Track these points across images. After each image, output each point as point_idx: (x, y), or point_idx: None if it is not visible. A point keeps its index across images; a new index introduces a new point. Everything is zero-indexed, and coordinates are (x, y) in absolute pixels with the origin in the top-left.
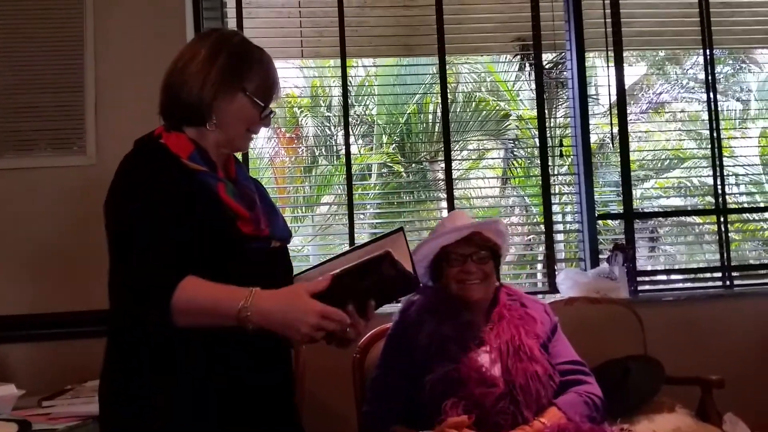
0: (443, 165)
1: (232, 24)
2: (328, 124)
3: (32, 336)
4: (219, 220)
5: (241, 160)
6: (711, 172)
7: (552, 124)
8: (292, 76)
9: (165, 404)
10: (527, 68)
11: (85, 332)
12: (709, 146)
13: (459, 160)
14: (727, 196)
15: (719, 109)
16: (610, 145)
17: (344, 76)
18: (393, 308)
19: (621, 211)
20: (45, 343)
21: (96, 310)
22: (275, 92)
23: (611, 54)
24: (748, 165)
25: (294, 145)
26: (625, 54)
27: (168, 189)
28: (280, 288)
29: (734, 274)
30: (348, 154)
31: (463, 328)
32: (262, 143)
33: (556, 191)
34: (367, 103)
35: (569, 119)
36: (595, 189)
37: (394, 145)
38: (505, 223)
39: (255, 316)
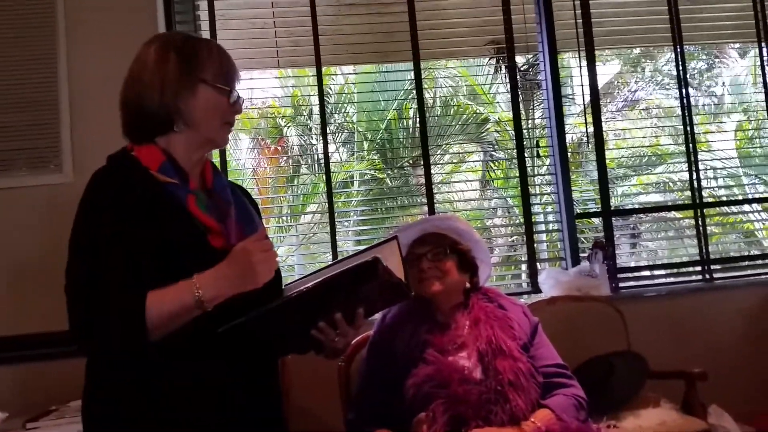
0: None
1: (205, 36)
2: (309, 134)
3: (13, 358)
4: (188, 234)
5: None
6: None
7: (530, 126)
8: (272, 86)
9: (147, 419)
10: (502, 71)
11: (65, 352)
12: (684, 142)
13: (440, 164)
14: (704, 190)
15: (693, 104)
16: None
17: (320, 85)
18: (377, 315)
19: (599, 209)
20: (26, 365)
21: None
22: (235, 75)
23: (584, 53)
24: (726, 158)
25: (277, 155)
26: (598, 53)
27: (135, 205)
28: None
29: (714, 267)
30: (327, 162)
31: (440, 331)
32: (246, 154)
33: (537, 192)
34: (348, 110)
35: (545, 119)
36: (576, 188)
37: (375, 152)
38: (465, 221)
39: (210, 294)
